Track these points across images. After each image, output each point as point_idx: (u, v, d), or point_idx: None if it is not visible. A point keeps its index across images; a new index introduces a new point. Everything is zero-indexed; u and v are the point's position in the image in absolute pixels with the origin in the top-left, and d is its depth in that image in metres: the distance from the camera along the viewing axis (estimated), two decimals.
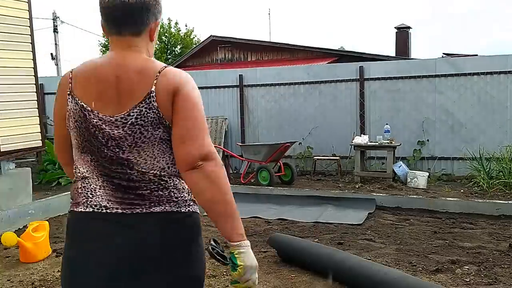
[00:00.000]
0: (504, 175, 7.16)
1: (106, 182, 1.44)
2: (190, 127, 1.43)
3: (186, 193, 1.53)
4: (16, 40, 6.13)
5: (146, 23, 1.60)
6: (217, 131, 9.81)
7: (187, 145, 1.41)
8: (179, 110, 1.42)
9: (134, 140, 1.40)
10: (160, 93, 1.42)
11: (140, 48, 1.58)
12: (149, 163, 1.43)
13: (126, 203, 1.43)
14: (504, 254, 3.85)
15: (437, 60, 8.99)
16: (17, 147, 6.15)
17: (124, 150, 1.42)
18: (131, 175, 1.43)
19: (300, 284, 3.31)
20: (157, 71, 1.48)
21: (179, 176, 1.49)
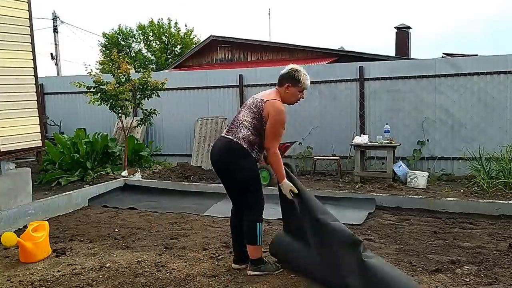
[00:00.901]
0: (504, 175, 7.16)
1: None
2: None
3: (245, 135, 3.49)
4: (16, 40, 6.13)
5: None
6: (217, 131, 9.81)
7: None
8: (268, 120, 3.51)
9: (248, 106, 3.60)
10: (267, 104, 3.50)
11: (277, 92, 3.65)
12: (243, 117, 3.57)
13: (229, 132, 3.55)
14: (504, 254, 3.85)
15: (437, 60, 8.99)
16: (17, 147, 6.16)
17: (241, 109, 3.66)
18: (234, 120, 3.65)
19: (300, 284, 3.31)
20: (272, 97, 3.56)
21: (251, 128, 3.51)
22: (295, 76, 3.52)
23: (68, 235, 4.75)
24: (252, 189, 3.52)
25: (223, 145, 3.51)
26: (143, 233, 4.78)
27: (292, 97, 3.61)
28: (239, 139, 3.44)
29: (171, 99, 10.35)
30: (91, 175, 8.31)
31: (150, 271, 3.64)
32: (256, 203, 3.57)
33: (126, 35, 33.06)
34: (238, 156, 3.44)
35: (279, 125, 3.45)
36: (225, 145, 3.49)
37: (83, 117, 11.06)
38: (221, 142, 3.54)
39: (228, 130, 3.55)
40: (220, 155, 3.52)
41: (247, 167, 3.47)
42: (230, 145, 3.46)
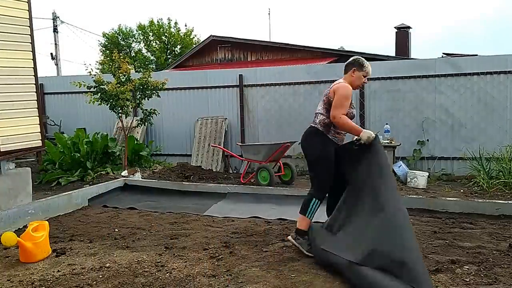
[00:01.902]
0: (504, 175, 7.17)
1: None
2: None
3: (320, 120, 4.04)
4: (16, 40, 6.13)
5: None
6: (217, 131, 9.81)
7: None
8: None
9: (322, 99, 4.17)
10: (332, 88, 4.07)
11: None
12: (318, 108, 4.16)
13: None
14: (504, 254, 3.85)
15: (437, 60, 9.00)
16: (17, 147, 6.16)
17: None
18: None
19: (300, 284, 3.31)
20: (337, 83, 4.12)
21: (324, 114, 4.06)
22: (360, 61, 4.11)
23: (68, 235, 4.75)
24: (320, 167, 3.97)
25: (305, 131, 4.14)
26: (143, 233, 4.78)
27: (357, 80, 4.10)
28: (316, 124, 4.05)
29: (171, 99, 10.35)
30: (91, 175, 8.31)
31: (150, 271, 3.64)
32: (319, 182, 4.00)
33: (126, 35, 33.06)
34: (313, 136, 4.03)
35: (342, 97, 3.91)
36: (305, 131, 4.13)
37: (83, 117, 11.06)
38: (305, 130, 4.17)
39: (312, 121, 4.15)
40: (301, 139, 4.15)
41: (318, 146, 3.98)
42: (309, 130, 4.09)
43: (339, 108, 3.91)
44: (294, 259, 3.85)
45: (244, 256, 3.94)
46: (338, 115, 3.88)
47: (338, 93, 3.95)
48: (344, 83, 4.05)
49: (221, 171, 9.55)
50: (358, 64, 4.12)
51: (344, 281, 3.35)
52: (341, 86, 4.00)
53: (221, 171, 9.50)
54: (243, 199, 6.27)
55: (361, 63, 4.12)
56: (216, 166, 9.57)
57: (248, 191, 6.48)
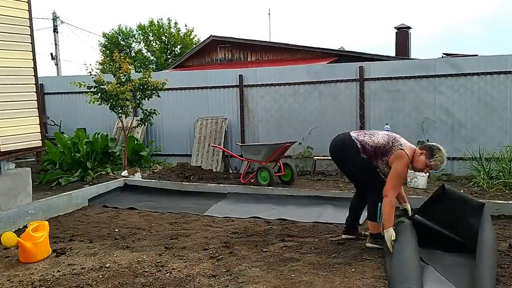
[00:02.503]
0: (504, 175, 7.16)
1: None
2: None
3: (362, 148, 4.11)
4: (16, 40, 6.13)
5: None
6: (217, 131, 9.81)
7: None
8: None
9: None
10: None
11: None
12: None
13: None
14: (504, 254, 3.85)
15: (437, 60, 9.00)
16: (17, 147, 6.15)
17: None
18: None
19: (300, 284, 3.31)
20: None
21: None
22: (434, 152, 3.95)
23: (68, 235, 4.75)
24: (371, 175, 4.15)
25: (340, 140, 4.34)
26: (143, 233, 4.78)
27: (419, 164, 3.98)
28: (358, 140, 4.14)
29: (171, 99, 10.35)
30: (91, 175, 8.31)
31: (150, 271, 3.64)
32: (376, 185, 4.08)
33: (126, 35, 33.05)
34: (349, 148, 4.17)
35: (397, 176, 3.92)
36: (342, 140, 4.30)
37: (83, 117, 11.06)
38: (339, 137, 4.39)
39: (357, 133, 4.27)
40: (334, 148, 4.44)
41: (357, 157, 4.13)
42: (347, 142, 4.22)
43: (392, 190, 3.90)
44: (294, 259, 3.85)
45: (244, 256, 3.94)
46: (389, 199, 3.89)
47: (395, 169, 3.92)
48: (405, 158, 3.93)
49: (221, 171, 9.55)
50: (430, 151, 3.95)
51: (344, 280, 3.35)
52: (400, 163, 3.93)
53: (221, 171, 9.50)
54: (243, 199, 6.27)
55: (434, 153, 3.94)
56: (216, 166, 9.56)
57: (248, 191, 6.48)
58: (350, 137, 4.20)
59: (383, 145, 4.03)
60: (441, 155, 3.94)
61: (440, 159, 3.93)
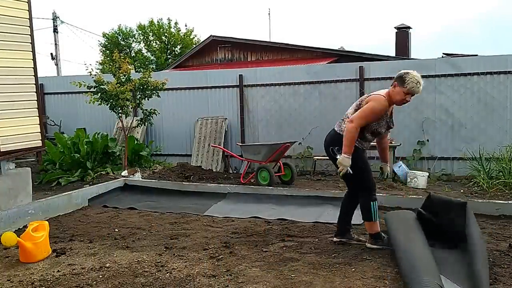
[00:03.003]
0: (504, 175, 7.16)
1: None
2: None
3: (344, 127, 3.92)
4: (16, 40, 6.13)
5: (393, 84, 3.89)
6: (217, 131, 9.81)
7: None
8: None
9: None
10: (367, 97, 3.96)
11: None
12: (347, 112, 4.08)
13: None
14: (504, 254, 3.85)
15: (437, 60, 9.00)
16: (17, 147, 6.15)
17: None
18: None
19: (300, 284, 3.31)
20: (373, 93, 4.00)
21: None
22: (403, 77, 3.78)
23: (68, 235, 4.75)
24: (355, 173, 3.85)
25: (328, 135, 4.12)
26: (143, 233, 4.78)
27: (396, 96, 3.84)
28: (341, 131, 3.95)
29: (171, 99, 10.35)
30: (91, 175, 8.31)
31: (150, 271, 3.64)
32: (364, 184, 3.97)
33: (126, 35, 33.06)
34: (338, 145, 3.88)
35: (368, 110, 3.81)
36: (330, 136, 4.10)
37: (83, 117, 11.06)
38: (329, 133, 4.13)
39: (338, 123, 4.09)
40: (324, 144, 4.13)
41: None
42: (332, 136, 4.05)
43: (359, 119, 3.80)
44: (294, 259, 3.85)
45: (244, 256, 3.94)
46: (356, 124, 3.78)
47: (368, 104, 3.83)
48: (380, 96, 3.87)
49: (221, 171, 9.55)
50: (400, 79, 3.80)
51: (344, 281, 3.35)
52: (375, 98, 3.86)
53: (221, 171, 9.50)
54: (243, 199, 6.27)
55: (403, 78, 3.78)
56: (216, 166, 9.56)
57: (248, 191, 6.48)
58: (334, 131, 4.08)
59: (355, 110, 3.94)
60: (411, 76, 3.76)
61: (413, 79, 3.74)
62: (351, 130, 3.78)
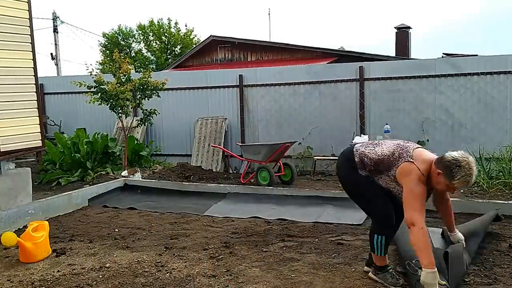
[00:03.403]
0: (504, 175, 7.16)
1: None
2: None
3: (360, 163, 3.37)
4: (16, 40, 6.13)
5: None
6: (217, 131, 9.81)
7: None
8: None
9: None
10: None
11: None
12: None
13: None
14: (504, 254, 3.85)
15: (437, 60, 8.99)
16: (17, 147, 6.15)
17: None
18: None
19: (300, 284, 3.31)
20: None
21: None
22: (452, 170, 2.96)
23: (68, 235, 4.75)
24: (364, 197, 3.39)
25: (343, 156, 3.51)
26: (143, 233, 4.78)
27: (440, 186, 3.09)
28: (357, 156, 3.36)
29: (171, 99, 10.34)
30: (91, 175, 8.31)
31: (150, 271, 3.64)
32: (374, 209, 3.35)
33: (126, 35, 33.04)
34: (346, 165, 3.43)
35: (411, 197, 3.01)
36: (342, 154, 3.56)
37: (83, 117, 11.06)
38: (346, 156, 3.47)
39: (355, 150, 3.42)
40: (341, 168, 3.55)
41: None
42: (343, 154, 3.53)
43: (415, 211, 2.98)
44: (294, 259, 3.85)
45: (244, 256, 3.94)
46: (417, 226, 2.94)
47: (404, 186, 3.07)
48: (413, 172, 3.04)
49: (221, 171, 9.55)
50: (447, 170, 2.97)
51: (344, 281, 3.35)
52: (408, 179, 3.05)
53: (221, 171, 9.49)
54: (243, 199, 6.26)
55: (452, 172, 2.96)
56: (216, 166, 9.56)
57: (248, 191, 6.48)
58: (351, 149, 3.47)
59: (387, 156, 3.19)
60: (464, 172, 2.96)
61: (465, 176, 2.97)
62: (418, 235, 2.94)
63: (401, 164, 3.11)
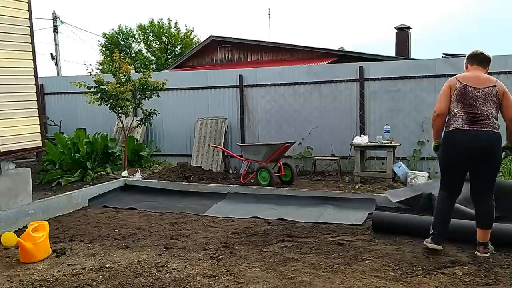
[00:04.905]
0: (504, 175, 7.16)
1: (466, 116, 3.85)
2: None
3: (497, 125, 3.85)
4: (16, 40, 6.13)
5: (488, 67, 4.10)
6: (217, 131, 9.81)
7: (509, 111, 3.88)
8: (505, 99, 3.89)
9: (485, 98, 3.84)
10: (498, 87, 3.87)
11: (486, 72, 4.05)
12: (488, 110, 3.83)
13: (475, 125, 3.81)
14: (504, 254, 3.85)
15: (437, 60, 9.00)
16: (17, 147, 6.15)
17: (479, 102, 3.84)
18: (479, 114, 3.82)
19: (300, 284, 3.31)
20: (495, 80, 3.92)
21: (496, 118, 3.86)
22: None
23: (68, 235, 4.75)
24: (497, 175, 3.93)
25: (489, 136, 3.78)
26: (143, 233, 4.79)
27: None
28: (496, 130, 3.83)
29: (171, 99, 10.35)
30: (91, 175, 8.31)
31: (150, 271, 3.64)
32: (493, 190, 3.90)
33: (126, 35, 33.02)
34: (499, 143, 3.84)
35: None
36: (490, 136, 3.79)
37: (83, 117, 11.06)
38: (486, 133, 3.78)
39: (481, 123, 3.80)
40: (487, 145, 3.79)
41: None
42: (495, 136, 3.81)
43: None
44: (294, 259, 3.85)
45: (244, 256, 3.94)
46: None
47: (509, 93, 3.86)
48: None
49: (221, 171, 9.55)
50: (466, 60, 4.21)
51: (344, 281, 3.35)
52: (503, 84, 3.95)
53: (221, 172, 9.50)
54: (243, 199, 6.26)
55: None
56: (216, 166, 9.56)
57: (248, 191, 6.48)
58: (495, 132, 3.83)
59: (495, 104, 3.90)
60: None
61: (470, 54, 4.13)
62: None
63: (499, 90, 3.88)
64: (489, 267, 3.56)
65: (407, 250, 4.03)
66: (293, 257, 3.90)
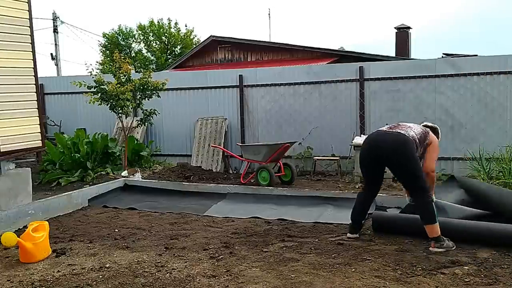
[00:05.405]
0: (504, 175, 7.15)
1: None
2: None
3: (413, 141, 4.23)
4: (16, 40, 6.13)
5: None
6: (217, 131, 9.81)
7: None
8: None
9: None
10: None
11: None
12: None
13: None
14: (504, 254, 3.85)
15: (437, 60, 9.00)
16: (17, 147, 6.16)
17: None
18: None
19: (300, 284, 3.31)
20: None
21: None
22: (435, 130, 4.83)
23: (68, 235, 4.75)
24: (418, 166, 4.16)
25: (394, 138, 4.19)
26: (143, 233, 4.78)
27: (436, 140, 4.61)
28: (408, 135, 4.19)
29: (171, 99, 10.35)
30: (91, 175, 8.31)
31: (150, 271, 3.64)
32: (425, 183, 4.14)
33: (126, 35, 33.01)
34: (410, 144, 4.13)
35: (437, 150, 4.48)
36: (396, 139, 4.18)
37: (83, 117, 11.06)
38: (391, 134, 4.26)
39: (394, 127, 4.43)
40: (394, 146, 4.16)
41: (413, 152, 4.15)
42: (403, 138, 4.16)
43: (433, 163, 4.34)
44: (294, 259, 3.85)
45: (244, 256, 3.94)
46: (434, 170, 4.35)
47: (432, 145, 4.39)
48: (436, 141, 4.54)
49: (221, 171, 9.55)
50: (435, 132, 4.77)
51: (344, 281, 3.35)
52: (435, 140, 4.50)
53: (221, 172, 9.50)
54: (243, 199, 6.26)
55: (436, 132, 4.78)
56: (216, 166, 9.56)
57: (248, 191, 6.47)
58: (405, 135, 4.23)
59: (422, 134, 4.37)
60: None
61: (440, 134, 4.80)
62: (434, 177, 4.40)
63: (429, 136, 4.41)
64: (489, 267, 3.56)
65: (407, 250, 4.03)
66: (293, 257, 3.90)
